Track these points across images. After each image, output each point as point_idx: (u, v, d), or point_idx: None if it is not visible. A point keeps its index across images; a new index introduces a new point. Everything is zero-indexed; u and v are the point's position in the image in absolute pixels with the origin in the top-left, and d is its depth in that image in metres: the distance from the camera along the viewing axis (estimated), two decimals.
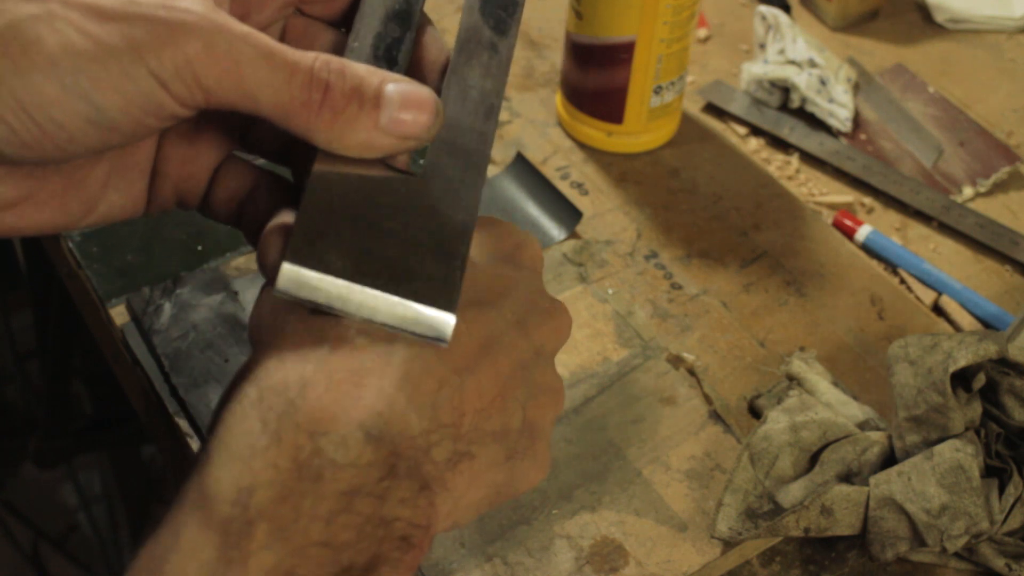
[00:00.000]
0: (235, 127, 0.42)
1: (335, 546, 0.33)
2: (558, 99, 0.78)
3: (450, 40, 0.74)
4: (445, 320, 0.37)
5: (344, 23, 0.43)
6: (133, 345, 0.62)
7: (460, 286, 0.37)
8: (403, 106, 0.37)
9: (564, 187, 0.74)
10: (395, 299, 0.36)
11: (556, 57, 0.83)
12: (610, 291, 0.68)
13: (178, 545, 0.33)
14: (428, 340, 0.37)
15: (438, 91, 0.42)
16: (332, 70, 0.36)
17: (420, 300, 0.37)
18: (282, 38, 0.43)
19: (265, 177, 0.42)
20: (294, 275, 0.36)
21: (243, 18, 0.40)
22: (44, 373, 1.24)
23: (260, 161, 0.44)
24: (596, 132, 0.76)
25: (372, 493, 0.34)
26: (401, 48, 0.41)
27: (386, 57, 0.41)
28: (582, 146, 0.77)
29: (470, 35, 0.43)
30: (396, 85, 0.37)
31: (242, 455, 0.34)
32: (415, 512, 0.35)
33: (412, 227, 0.38)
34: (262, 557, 0.33)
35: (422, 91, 0.37)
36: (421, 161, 0.41)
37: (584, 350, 0.64)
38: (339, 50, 0.42)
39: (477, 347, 0.38)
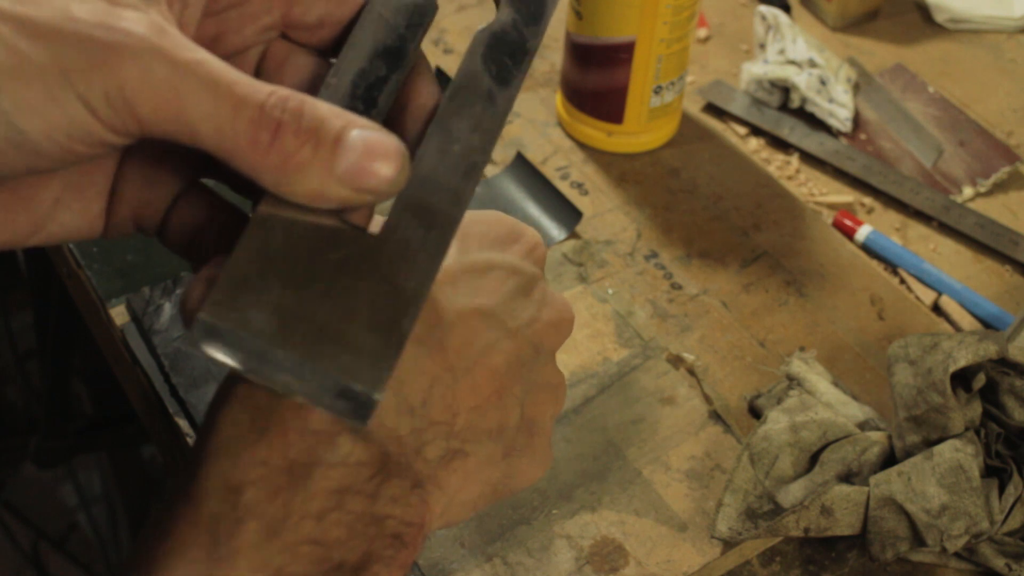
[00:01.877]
0: (202, 153, 0.39)
1: (326, 544, 0.33)
2: (558, 99, 0.78)
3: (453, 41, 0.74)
4: (366, 401, 0.33)
5: (333, 51, 0.40)
6: (133, 345, 0.62)
7: (394, 364, 0.34)
8: (365, 155, 0.33)
9: (564, 187, 0.74)
10: (316, 369, 0.33)
11: (556, 57, 0.83)
12: (610, 291, 0.68)
13: (167, 543, 0.33)
14: (346, 420, 0.34)
15: (419, 141, 0.38)
16: (288, 108, 0.33)
17: (344, 374, 0.33)
18: (260, 64, 0.40)
19: (222, 212, 0.39)
20: (209, 329, 0.33)
21: (216, 39, 0.38)
22: (44, 373, 1.24)
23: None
24: (596, 132, 0.76)
25: (363, 491, 0.34)
26: (384, 89, 0.37)
27: (364, 97, 0.37)
28: (582, 146, 0.77)
29: (465, 82, 0.39)
30: (361, 131, 0.33)
31: (231, 452, 0.34)
32: (407, 510, 0.35)
33: (354, 290, 0.34)
34: (251, 555, 0.32)
35: (388, 140, 0.34)
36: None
37: (584, 350, 0.64)
38: (319, 82, 0.39)
39: (471, 344, 0.38)
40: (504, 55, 0.39)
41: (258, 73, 0.39)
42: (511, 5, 0.40)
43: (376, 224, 0.36)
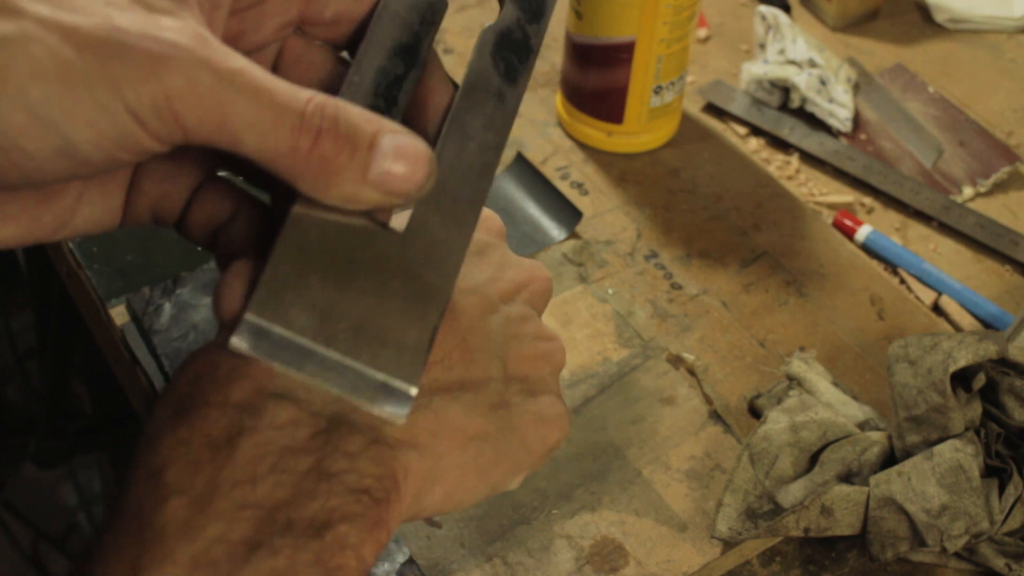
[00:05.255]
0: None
1: (268, 507, 0.33)
2: (558, 99, 0.78)
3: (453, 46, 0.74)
4: (403, 395, 0.35)
5: (348, 47, 0.41)
6: (133, 345, 0.62)
7: (427, 357, 0.35)
8: (396, 160, 0.34)
9: (564, 187, 0.74)
10: (355, 366, 0.34)
11: (556, 57, 0.83)
12: (610, 291, 0.68)
13: (100, 542, 0.33)
14: (383, 413, 0.35)
15: (436, 137, 0.39)
16: (326, 115, 0.34)
17: (381, 369, 0.35)
18: (278, 59, 0.40)
19: (246, 204, 0.39)
20: (255, 329, 0.34)
21: (238, 37, 0.38)
22: (44, 373, 1.24)
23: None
24: (596, 132, 0.76)
25: (306, 449, 0.34)
26: (403, 87, 0.38)
27: (386, 96, 0.38)
28: (582, 146, 0.77)
29: (477, 80, 0.40)
30: (392, 136, 0.35)
31: (152, 441, 0.34)
32: (368, 464, 0.35)
33: (385, 287, 0.36)
34: (181, 529, 0.32)
35: (419, 146, 0.35)
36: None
37: (584, 350, 0.64)
38: (337, 78, 0.40)
39: None
40: (511, 53, 0.40)
41: (275, 69, 0.40)
42: (515, 2, 0.41)
43: (398, 220, 0.37)
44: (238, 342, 0.34)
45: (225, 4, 0.37)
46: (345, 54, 0.41)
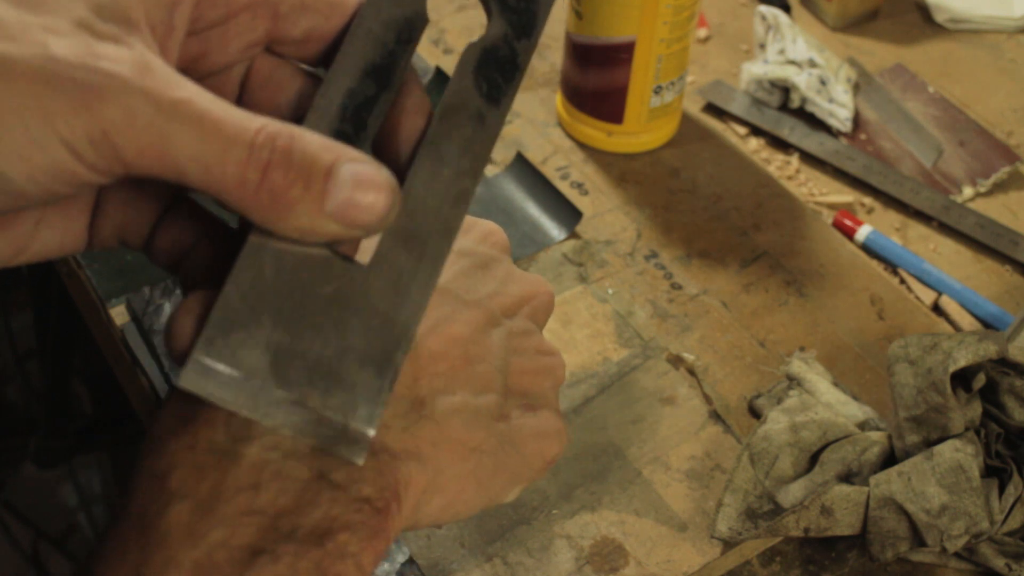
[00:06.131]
0: None
1: (271, 513, 0.33)
2: (558, 99, 0.78)
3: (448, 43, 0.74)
4: (359, 438, 0.33)
5: (323, 64, 0.38)
6: (133, 345, 0.62)
7: (387, 399, 0.34)
8: (356, 190, 0.32)
9: (564, 187, 0.74)
10: (309, 409, 0.33)
11: (556, 57, 0.83)
12: (610, 291, 0.68)
13: (103, 546, 0.33)
14: (339, 456, 0.34)
15: (409, 163, 0.37)
16: (276, 146, 0.32)
17: (336, 411, 0.33)
18: (246, 80, 0.38)
19: (212, 230, 0.37)
20: (202, 369, 0.32)
21: (200, 58, 0.37)
22: (44, 373, 1.24)
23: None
24: (596, 132, 0.76)
25: (308, 457, 0.34)
26: (373, 110, 0.36)
27: (354, 119, 0.35)
28: (582, 146, 0.77)
29: (456, 101, 0.37)
30: (351, 165, 0.33)
31: (157, 447, 0.34)
32: (371, 473, 0.35)
33: (345, 324, 0.34)
34: (184, 533, 0.32)
35: (380, 175, 0.33)
36: None
37: (584, 350, 0.64)
38: (309, 98, 0.38)
39: (424, 318, 0.38)
40: (495, 71, 0.38)
41: (243, 89, 0.38)
42: (503, 16, 0.39)
43: (365, 252, 0.35)
44: (185, 381, 0.33)
45: (181, 26, 0.35)
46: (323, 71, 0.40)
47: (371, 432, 0.34)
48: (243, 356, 0.33)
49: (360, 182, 0.33)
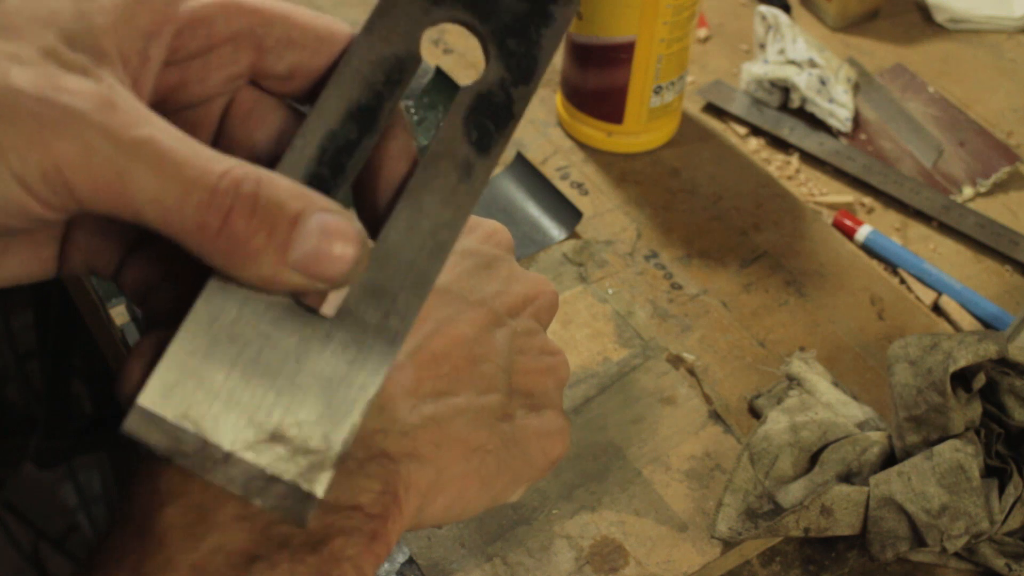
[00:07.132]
0: None
1: (263, 520, 0.33)
2: (558, 99, 0.78)
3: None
4: (306, 499, 0.32)
5: (309, 100, 0.37)
6: (133, 345, 0.62)
7: (339, 463, 0.33)
8: (322, 241, 0.31)
9: (564, 187, 0.74)
10: (254, 467, 0.32)
11: (556, 57, 0.82)
12: (610, 291, 0.68)
13: (101, 547, 0.33)
14: (284, 517, 0.33)
15: (388, 210, 0.35)
16: (241, 192, 0.30)
17: (285, 473, 0.32)
18: (227, 113, 0.37)
19: (179, 268, 0.36)
20: (147, 416, 0.31)
21: (179, 88, 0.36)
22: (44, 373, 1.24)
23: None
24: (596, 132, 0.76)
25: None
26: (354, 154, 0.34)
27: (332, 163, 0.34)
28: (582, 146, 0.77)
29: (443, 148, 0.35)
30: (320, 215, 0.31)
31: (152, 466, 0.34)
32: (366, 480, 0.35)
33: (302, 381, 0.33)
34: (179, 537, 0.32)
35: (349, 226, 0.32)
36: None
37: (584, 350, 0.64)
38: (288, 136, 0.36)
39: (426, 319, 0.38)
40: (487, 118, 0.36)
41: (223, 122, 0.37)
42: (501, 60, 0.37)
43: (329, 304, 0.34)
44: (128, 427, 0.32)
45: (157, 56, 0.34)
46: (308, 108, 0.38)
47: (319, 494, 0.32)
48: (191, 407, 0.32)
49: (327, 232, 0.31)
